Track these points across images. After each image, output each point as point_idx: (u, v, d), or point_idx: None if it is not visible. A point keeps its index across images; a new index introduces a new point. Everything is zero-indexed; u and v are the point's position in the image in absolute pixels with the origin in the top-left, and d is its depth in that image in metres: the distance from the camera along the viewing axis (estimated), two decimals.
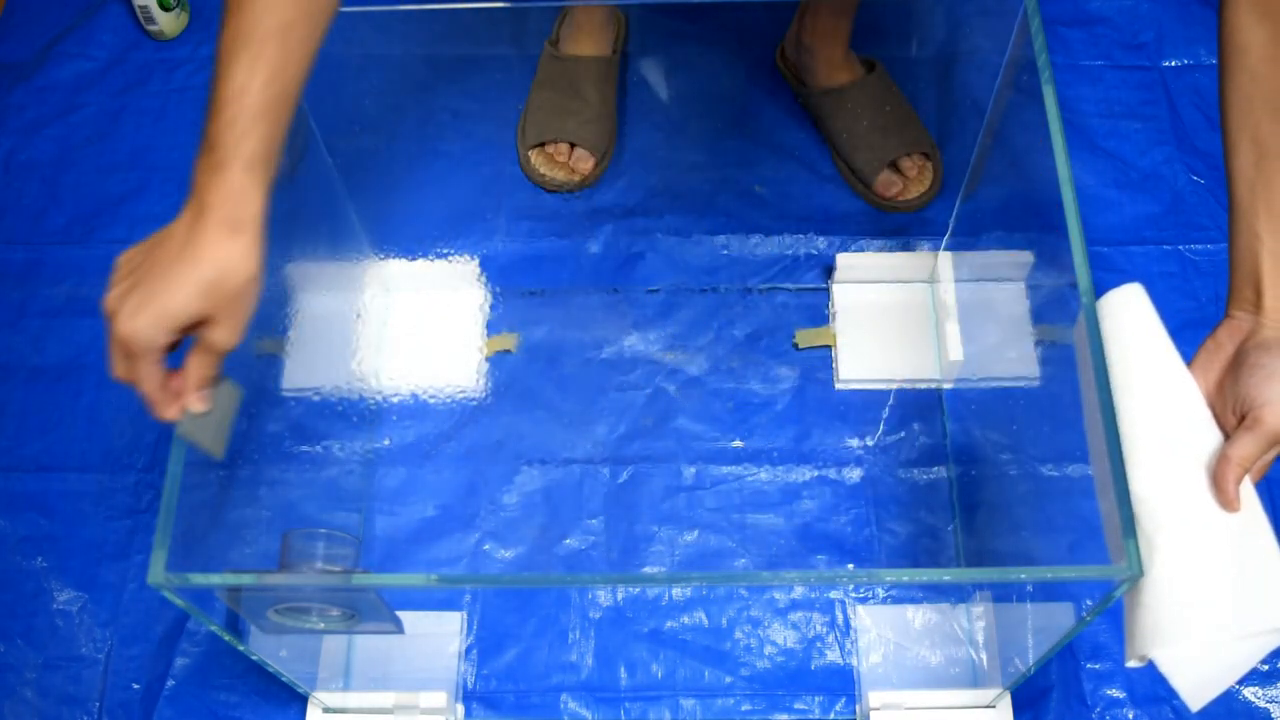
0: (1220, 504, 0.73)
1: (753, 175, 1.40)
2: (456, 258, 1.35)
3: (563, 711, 1.14)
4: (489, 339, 1.31)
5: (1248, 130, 0.76)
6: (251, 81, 0.72)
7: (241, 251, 0.72)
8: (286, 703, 1.13)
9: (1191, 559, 0.72)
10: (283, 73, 0.73)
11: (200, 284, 0.71)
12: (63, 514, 1.23)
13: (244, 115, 0.72)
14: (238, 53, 0.72)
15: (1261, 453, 0.73)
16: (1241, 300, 0.76)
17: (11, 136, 1.45)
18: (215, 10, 1.51)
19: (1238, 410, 0.74)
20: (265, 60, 0.72)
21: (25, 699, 1.15)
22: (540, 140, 1.38)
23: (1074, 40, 1.47)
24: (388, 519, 1.22)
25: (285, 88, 0.74)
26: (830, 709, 1.14)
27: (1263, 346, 0.74)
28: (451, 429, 1.26)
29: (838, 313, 1.30)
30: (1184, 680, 0.72)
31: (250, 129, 0.72)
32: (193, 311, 0.71)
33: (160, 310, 0.71)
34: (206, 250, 0.71)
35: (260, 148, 0.72)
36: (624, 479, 1.23)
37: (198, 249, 0.71)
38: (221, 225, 0.71)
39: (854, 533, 1.21)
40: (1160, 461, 0.75)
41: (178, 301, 0.71)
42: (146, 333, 0.71)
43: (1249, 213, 0.76)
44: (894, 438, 1.25)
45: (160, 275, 0.71)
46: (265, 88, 0.72)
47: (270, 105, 0.73)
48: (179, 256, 0.71)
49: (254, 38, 0.72)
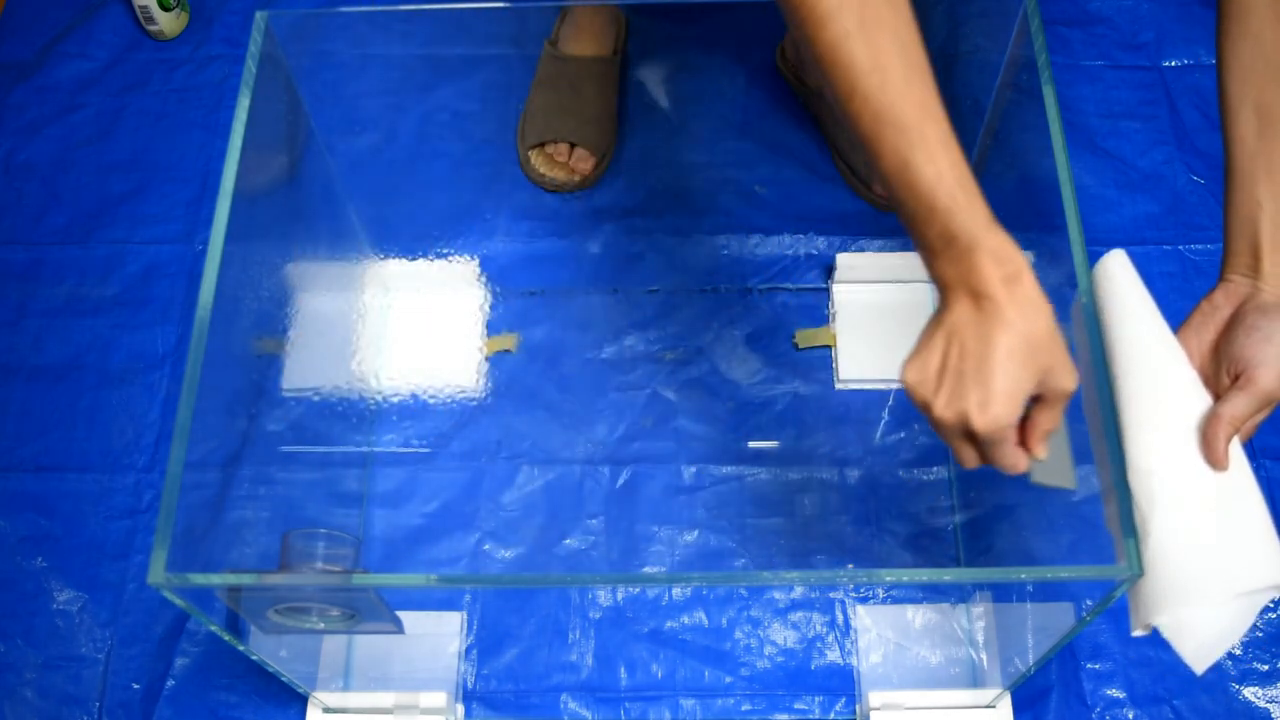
0: (1209, 461, 0.74)
1: (753, 175, 1.40)
2: (456, 258, 1.35)
3: (563, 711, 1.14)
4: (489, 339, 1.31)
5: (1250, 96, 0.76)
6: (937, 167, 0.70)
7: (1033, 298, 0.70)
8: (286, 703, 1.13)
9: (1186, 524, 0.73)
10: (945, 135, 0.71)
11: (1020, 351, 0.69)
12: (63, 514, 1.23)
13: (954, 196, 0.70)
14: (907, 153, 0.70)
15: (1253, 412, 0.74)
16: (1239, 264, 0.77)
17: (11, 136, 1.45)
18: (215, 10, 1.52)
19: (1232, 371, 0.75)
20: (929, 141, 0.70)
21: (25, 699, 1.15)
22: (540, 140, 1.38)
23: (1074, 40, 1.47)
24: (388, 519, 1.22)
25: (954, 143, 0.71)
26: (830, 709, 1.14)
27: (1261, 309, 0.75)
28: (451, 429, 1.26)
29: (838, 313, 1.30)
30: (1188, 644, 0.73)
31: (966, 202, 0.70)
32: (1029, 376, 0.70)
33: (1003, 392, 0.69)
34: (1007, 317, 0.69)
35: (985, 210, 0.71)
36: (624, 479, 1.23)
37: (1000, 322, 0.69)
38: (1003, 288, 0.69)
39: (854, 533, 1.21)
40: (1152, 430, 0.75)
41: (1013, 375, 0.69)
42: (1005, 419, 0.70)
43: (1249, 179, 0.76)
44: (894, 438, 1.25)
45: (981, 364, 0.69)
46: (948, 160, 0.70)
47: (962, 169, 0.71)
48: (986, 338, 0.69)
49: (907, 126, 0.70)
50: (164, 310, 1.33)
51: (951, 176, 0.70)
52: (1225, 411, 0.74)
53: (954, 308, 0.71)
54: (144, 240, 1.37)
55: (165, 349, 1.31)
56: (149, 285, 1.35)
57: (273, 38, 0.95)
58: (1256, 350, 0.74)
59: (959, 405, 0.70)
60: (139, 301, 1.34)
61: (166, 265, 1.36)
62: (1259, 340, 0.74)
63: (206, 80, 1.48)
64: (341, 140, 1.38)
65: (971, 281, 0.70)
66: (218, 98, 1.47)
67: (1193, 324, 0.79)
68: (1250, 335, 0.75)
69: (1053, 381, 0.71)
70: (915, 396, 0.73)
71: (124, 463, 1.25)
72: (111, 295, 1.34)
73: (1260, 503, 0.75)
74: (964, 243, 0.70)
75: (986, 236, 0.70)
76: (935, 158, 0.70)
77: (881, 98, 0.70)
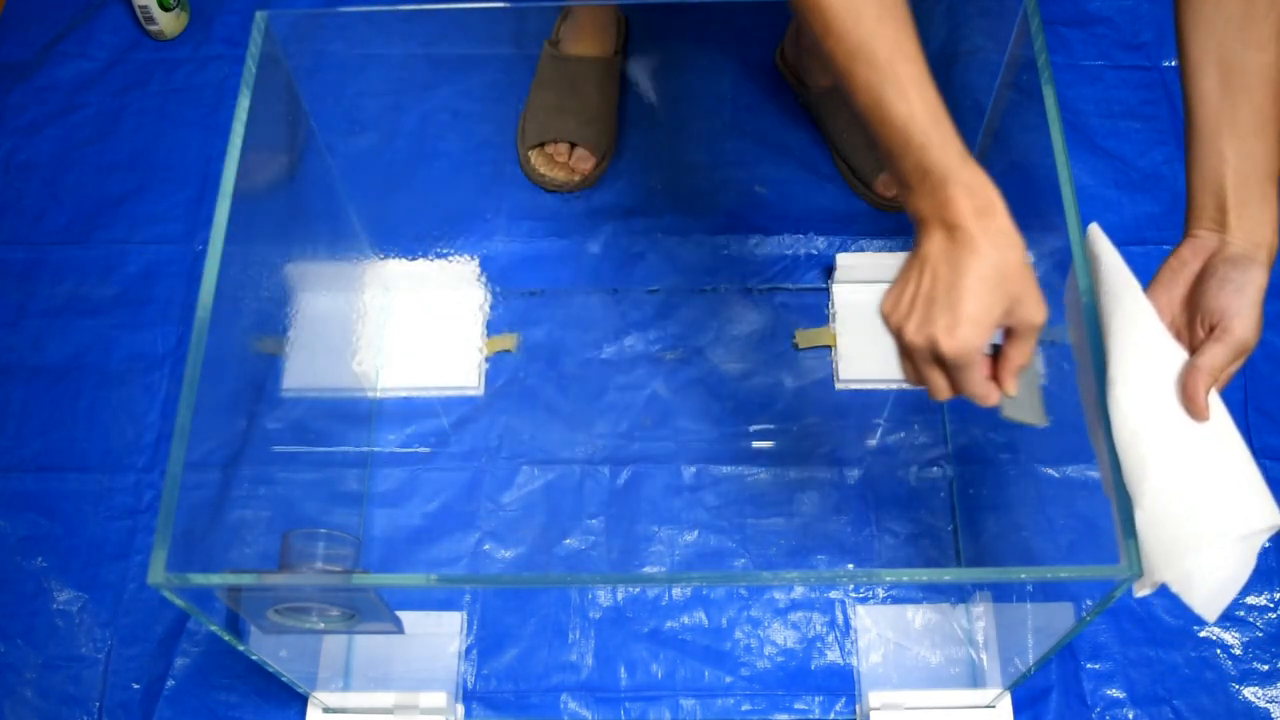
0: (1191, 413, 0.75)
1: (753, 175, 1.40)
2: (456, 258, 1.35)
3: (563, 711, 1.14)
4: (489, 339, 1.31)
5: (1211, 52, 0.78)
6: (910, 104, 0.72)
7: (1005, 230, 0.72)
8: (286, 703, 1.13)
9: (1179, 479, 0.74)
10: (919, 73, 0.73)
11: (989, 279, 0.71)
12: (63, 514, 1.23)
13: (928, 132, 0.72)
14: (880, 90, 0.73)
15: (1229, 362, 0.76)
16: (1204, 219, 0.79)
17: (11, 136, 1.45)
18: (215, 10, 1.52)
19: (1206, 323, 0.77)
20: (902, 78, 0.73)
21: (25, 699, 1.15)
22: (540, 140, 1.38)
23: (1074, 40, 1.47)
24: (388, 519, 1.22)
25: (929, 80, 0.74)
26: (830, 709, 1.14)
27: (1230, 261, 0.76)
28: (451, 429, 1.27)
29: (838, 313, 1.30)
30: (1196, 594, 0.74)
31: (940, 138, 0.72)
32: (998, 304, 0.72)
33: (971, 317, 0.71)
34: (977, 246, 0.71)
35: (959, 144, 0.73)
36: (624, 479, 1.23)
37: (970, 251, 0.71)
38: (975, 220, 0.71)
39: (854, 533, 1.21)
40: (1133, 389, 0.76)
41: (982, 302, 0.71)
42: (969, 344, 0.72)
43: (1213, 134, 0.78)
44: (894, 438, 1.25)
45: (950, 290, 0.71)
46: (921, 97, 0.73)
47: (936, 106, 0.73)
48: (957, 265, 0.71)
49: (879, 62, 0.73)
50: (164, 310, 1.33)
51: (924, 112, 0.72)
52: (1203, 363, 0.75)
53: (928, 240, 0.73)
54: (144, 240, 1.37)
55: (165, 349, 1.31)
56: (149, 285, 1.35)
57: (273, 38, 0.95)
58: (1230, 301, 0.76)
59: (928, 330, 0.73)
60: (139, 301, 1.34)
61: (166, 265, 1.36)
62: (1231, 291, 0.76)
63: (206, 80, 1.48)
64: (341, 140, 1.38)
65: (945, 214, 0.72)
66: (218, 98, 1.47)
67: (1162, 281, 0.80)
68: (1222, 287, 0.76)
69: (1022, 313, 0.73)
70: (889, 324, 0.76)
71: (124, 463, 1.25)
72: (111, 295, 1.34)
73: (1244, 448, 0.76)
74: (937, 176, 0.72)
75: (960, 170, 0.72)
76: (908, 94, 0.72)
77: (855, 34, 0.73)
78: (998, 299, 0.72)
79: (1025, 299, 0.72)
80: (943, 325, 0.72)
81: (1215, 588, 0.74)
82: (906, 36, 0.73)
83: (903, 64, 0.73)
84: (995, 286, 0.71)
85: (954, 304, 0.71)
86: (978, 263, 0.71)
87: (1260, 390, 1.26)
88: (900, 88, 0.72)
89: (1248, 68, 0.77)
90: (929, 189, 0.73)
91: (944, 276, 0.72)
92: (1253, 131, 0.77)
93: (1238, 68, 0.77)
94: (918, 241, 0.75)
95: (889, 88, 0.72)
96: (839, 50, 0.74)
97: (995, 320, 0.72)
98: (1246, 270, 0.76)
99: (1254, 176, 0.77)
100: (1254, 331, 0.76)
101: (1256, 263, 0.76)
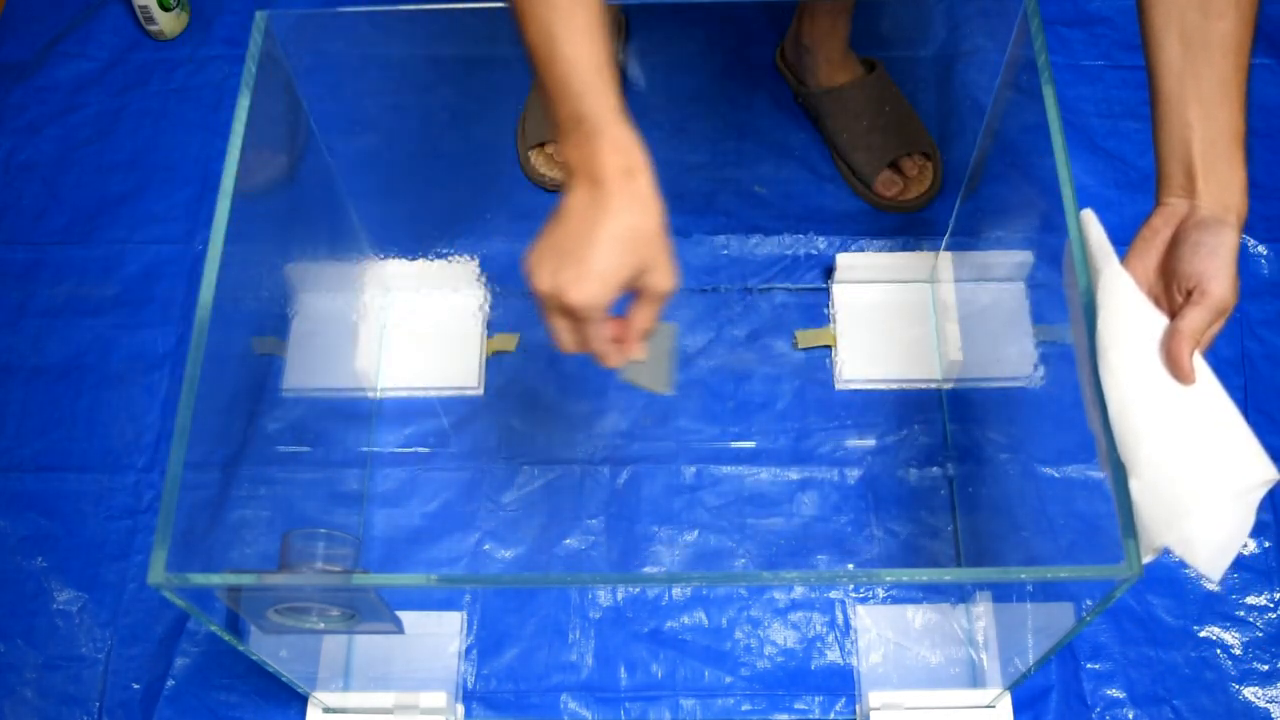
0: (1176, 377, 0.76)
1: (753, 175, 1.40)
2: (456, 258, 1.35)
3: (563, 711, 1.14)
4: (489, 339, 1.31)
5: (1174, 23, 0.79)
6: (577, 48, 0.73)
7: (645, 195, 0.74)
8: (286, 703, 1.13)
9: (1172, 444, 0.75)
10: (594, 21, 0.74)
11: (622, 239, 0.73)
12: (63, 514, 1.23)
13: (589, 79, 0.73)
14: (552, 28, 0.74)
15: (1209, 323, 0.77)
16: (1174, 187, 0.79)
17: (11, 136, 1.45)
18: (215, 10, 1.52)
19: (1183, 288, 0.77)
20: (577, 22, 0.74)
21: (25, 699, 1.15)
22: (540, 140, 1.38)
23: (1074, 40, 1.47)
24: (388, 519, 1.22)
25: (601, 32, 0.75)
26: (830, 709, 1.14)
27: (1201, 225, 0.77)
28: (451, 429, 1.26)
29: (838, 313, 1.30)
30: (1200, 555, 0.74)
31: (601, 87, 0.74)
32: (627, 265, 0.73)
33: (598, 272, 0.73)
34: (615, 205, 0.73)
35: (616, 99, 0.74)
36: (624, 479, 1.23)
37: (607, 209, 0.73)
38: (618, 178, 0.73)
39: (854, 533, 1.21)
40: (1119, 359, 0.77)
41: (612, 260, 0.73)
42: (594, 297, 0.73)
43: (1178, 103, 0.78)
44: (894, 438, 1.25)
45: (582, 243, 0.73)
46: (590, 45, 0.74)
47: (603, 57, 0.74)
48: (593, 221, 0.73)
49: (558, 3, 0.74)
50: (164, 310, 1.33)
51: (589, 61, 0.73)
52: (1184, 326, 0.76)
53: (573, 191, 0.75)
54: (144, 240, 1.37)
55: (165, 349, 1.31)
56: (149, 285, 1.35)
57: (273, 38, 0.95)
58: (1204, 264, 0.76)
59: (557, 280, 0.74)
60: (139, 301, 1.34)
61: (166, 265, 1.36)
62: (1205, 255, 0.76)
63: (206, 80, 1.48)
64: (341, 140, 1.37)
65: (591, 167, 0.73)
66: (218, 98, 1.47)
67: (1136, 251, 0.81)
68: (1196, 251, 0.77)
69: (650, 279, 0.75)
70: (526, 273, 0.77)
71: (124, 463, 1.25)
72: (111, 295, 1.34)
73: (1231, 406, 0.77)
74: (589, 127, 0.73)
75: (611, 126, 0.73)
76: (576, 39, 0.73)
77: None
78: (627, 260, 0.73)
79: (656, 265, 0.75)
80: (570, 276, 0.73)
81: (1217, 547, 0.74)
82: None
83: (580, 11, 0.74)
84: (626, 248, 0.73)
85: (583, 258, 0.73)
86: (612, 222, 0.72)
87: (1260, 390, 1.26)
88: (571, 30, 0.73)
89: (1209, 36, 0.78)
90: (580, 138, 0.74)
91: (578, 231, 0.74)
92: (1217, 98, 0.78)
93: (1199, 37, 0.78)
94: (565, 190, 0.76)
95: (560, 27, 0.73)
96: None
97: (623, 281, 0.74)
98: (1218, 233, 0.77)
99: (1220, 141, 0.78)
100: (1231, 291, 0.77)
101: (1227, 224, 0.77)
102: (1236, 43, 0.78)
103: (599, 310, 0.75)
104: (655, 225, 0.74)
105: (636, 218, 0.73)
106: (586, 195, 0.74)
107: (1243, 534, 0.75)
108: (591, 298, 0.73)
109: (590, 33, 0.74)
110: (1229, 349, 1.27)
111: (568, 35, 0.73)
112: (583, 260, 0.73)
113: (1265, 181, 1.34)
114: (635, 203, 0.73)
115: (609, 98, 0.74)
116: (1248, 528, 0.75)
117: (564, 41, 0.73)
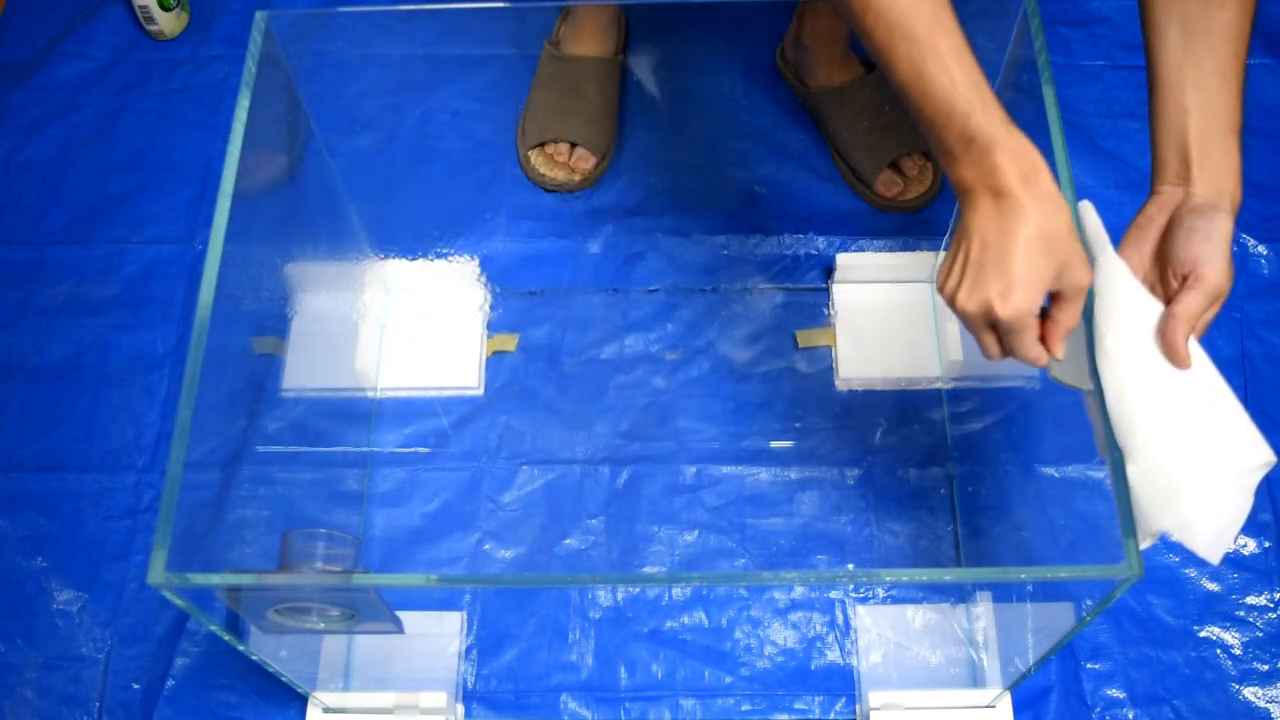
0: (1172, 361, 0.77)
1: (753, 175, 1.40)
2: (456, 258, 1.35)
3: (563, 711, 1.14)
4: (489, 339, 1.31)
5: (1175, 11, 0.79)
6: (950, 74, 0.74)
7: (1050, 194, 0.73)
8: (286, 703, 1.13)
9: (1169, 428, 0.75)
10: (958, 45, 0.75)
11: (1038, 243, 0.73)
12: (63, 514, 1.23)
13: (970, 99, 0.74)
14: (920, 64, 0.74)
15: (1204, 308, 0.77)
16: (1168, 174, 0.80)
17: (11, 136, 1.45)
18: (215, 10, 1.52)
19: (1178, 273, 0.78)
20: (941, 48, 0.74)
21: (25, 699, 1.15)
22: (540, 140, 1.38)
23: (1074, 40, 1.47)
24: (388, 519, 1.22)
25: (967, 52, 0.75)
26: (830, 709, 1.14)
27: (1196, 211, 0.78)
28: (451, 429, 1.27)
29: (838, 313, 1.30)
30: (1199, 538, 0.75)
31: (982, 104, 0.74)
32: (1049, 267, 0.73)
33: (1023, 280, 0.73)
34: (1024, 212, 0.73)
35: (1001, 110, 0.74)
36: (624, 479, 1.23)
37: (1018, 216, 0.73)
38: (1021, 185, 0.73)
39: (854, 533, 1.21)
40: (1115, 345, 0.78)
41: (1034, 266, 0.73)
42: (1023, 306, 0.74)
43: (1177, 90, 0.79)
44: (894, 438, 1.25)
45: (1001, 256, 0.73)
46: (961, 67, 0.74)
47: (977, 75, 0.75)
48: (1004, 231, 0.73)
49: (918, 36, 0.74)
50: (164, 310, 1.33)
51: (966, 82, 0.74)
52: (1180, 311, 0.77)
53: (975, 208, 0.75)
54: (144, 240, 1.37)
55: (165, 349, 1.31)
56: (149, 285, 1.35)
57: (273, 38, 0.95)
58: (1199, 249, 0.77)
59: (981, 295, 0.74)
60: (139, 301, 1.34)
61: (166, 265, 1.36)
62: (1200, 240, 0.77)
63: (206, 80, 1.48)
64: (341, 140, 1.38)
65: (991, 181, 0.73)
66: (218, 98, 1.47)
67: (1131, 238, 0.82)
68: (1190, 237, 0.77)
69: (1070, 276, 0.75)
70: (944, 295, 0.77)
71: (124, 463, 1.25)
72: (111, 295, 1.34)
73: (1227, 390, 0.78)
74: (982, 144, 0.73)
75: (1004, 137, 0.73)
76: (948, 65, 0.74)
77: (892, 11, 0.74)
78: (1048, 263, 0.73)
79: (1073, 262, 0.74)
80: (996, 290, 0.73)
81: (1215, 531, 0.75)
82: (943, 9, 0.75)
83: (942, 37, 0.74)
84: (1045, 250, 0.73)
85: (1006, 269, 0.73)
86: (1026, 227, 0.72)
87: (1260, 390, 1.26)
88: (941, 59, 0.74)
89: (1210, 24, 0.79)
90: (974, 157, 0.74)
91: (994, 243, 0.73)
92: (1215, 85, 0.78)
93: (1200, 25, 0.79)
94: (963, 211, 0.76)
95: (930, 60, 0.74)
96: (878, 26, 0.75)
97: (1046, 283, 0.74)
98: (1212, 218, 0.77)
99: (1216, 128, 0.78)
100: (1225, 276, 0.77)
101: (1221, 210, 0.77)
102: (1236, 32, 0.79)
103: (1029, 318, 0.75)
104: (1066, 223, 0.74)
105: (1047, 219, 0.73)
106: (991, 209, 0.74)
107: (1241, 517, 0.76)
108: (1020, 307, 0.74)
109: (958, 54, 0.74)
110: (1229, 349, 1.27)
111: (938, 65, 0.74)
112: (1005, 272, 0.73)
113: (1265, 181, 1.34)
114: (1044, 204, 0.73)
115: (994, 112, 0.74)
116: (1246, 510, 0.76)
117: (935, 72, 0.74)
